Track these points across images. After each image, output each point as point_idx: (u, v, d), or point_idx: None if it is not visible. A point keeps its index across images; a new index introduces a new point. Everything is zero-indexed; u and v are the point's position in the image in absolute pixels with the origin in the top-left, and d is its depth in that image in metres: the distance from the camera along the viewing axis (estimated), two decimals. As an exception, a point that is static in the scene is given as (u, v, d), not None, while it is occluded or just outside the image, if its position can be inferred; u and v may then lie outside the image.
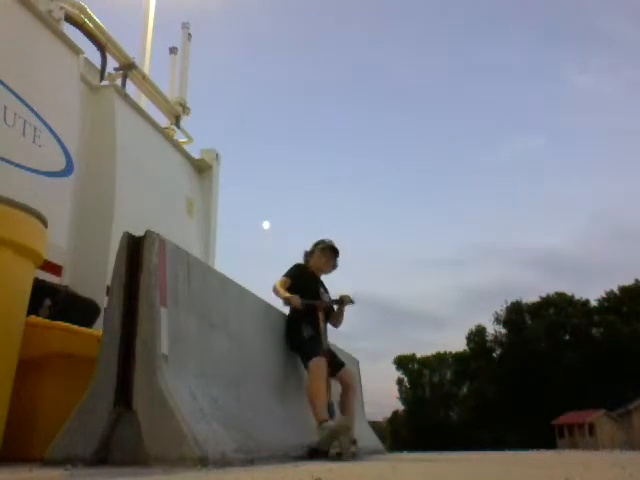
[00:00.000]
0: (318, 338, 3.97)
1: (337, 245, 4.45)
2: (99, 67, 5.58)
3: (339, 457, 3.41)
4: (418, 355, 53.33)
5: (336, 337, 4.32)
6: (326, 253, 4.40)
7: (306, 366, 3.87)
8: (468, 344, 48.72)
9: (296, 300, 3.90)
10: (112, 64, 5.80)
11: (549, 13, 77.19)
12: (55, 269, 4.07)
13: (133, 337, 2.45)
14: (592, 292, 53.26)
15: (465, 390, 49.65)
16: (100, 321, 4.01)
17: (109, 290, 2.62)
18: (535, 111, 78.97)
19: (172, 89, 7.00)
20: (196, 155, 6.74)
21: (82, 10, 5.28)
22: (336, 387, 4.16)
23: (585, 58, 74.57)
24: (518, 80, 76.42)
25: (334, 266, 4.48)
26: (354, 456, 3.56)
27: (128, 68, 5.88)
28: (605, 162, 75.10)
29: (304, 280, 4.21)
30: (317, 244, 4.45)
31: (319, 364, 3.77)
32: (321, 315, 4.05)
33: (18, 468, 2.19)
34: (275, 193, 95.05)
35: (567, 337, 42.68)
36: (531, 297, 46.36)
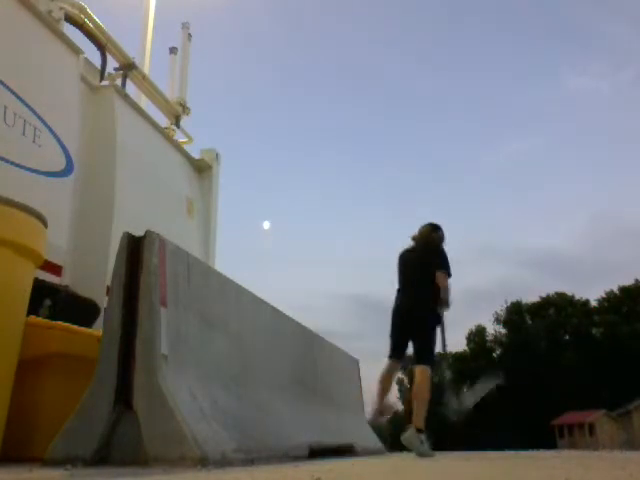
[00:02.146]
0: None
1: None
2: (99, 67, 5.58)
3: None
4: (418, 355, 53.26)
5: (336, 337, 4.33)
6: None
7: (421, 364, 4.09)
8: (468, 344, 48.64)
9: None
10: (112, 64, 5.81)
11: (549, 13, 77.22)
12: (55, 269, 4.07)
13: (133, 337, 2.45)
14: (592, 292, 53.03)
15: (465, 390, 49.56)
16: (100, 321, 4.01)
17: (109, 290, 2.62)
18: (535, 111, 78.92)
19: (172, 89, 7.00)
20: (196, 155, 6.75)
21: (82, 10, 5.28)
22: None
23: (585, 58, 74.51)
24: (518, 80, 76.40)
25: None
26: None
27: (128, 68, 5.88)
28: (605, 162, 74.94)
29: None
30: (440, 228, 4.47)
31: (430, 374, 4.03)
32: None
33: (18, 468, 2.19)
34: (275, 193, 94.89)
35: (567, 337, 42.64)
36: (531, 297, 46.24)
